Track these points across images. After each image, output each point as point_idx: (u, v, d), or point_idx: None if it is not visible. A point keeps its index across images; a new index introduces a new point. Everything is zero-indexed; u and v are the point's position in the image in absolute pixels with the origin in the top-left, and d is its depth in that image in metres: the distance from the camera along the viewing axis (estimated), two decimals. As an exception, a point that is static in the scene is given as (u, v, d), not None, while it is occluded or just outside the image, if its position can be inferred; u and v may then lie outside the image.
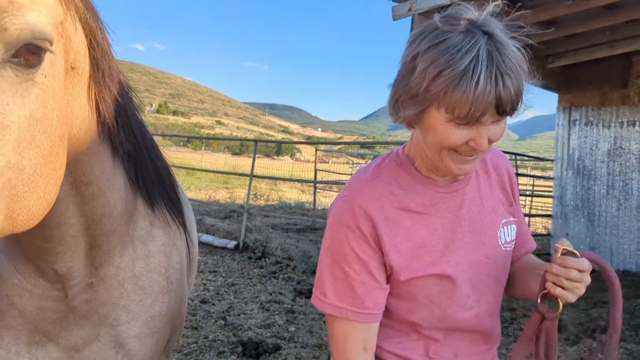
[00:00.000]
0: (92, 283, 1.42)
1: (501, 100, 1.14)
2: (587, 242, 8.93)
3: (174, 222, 1.69)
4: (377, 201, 1.36)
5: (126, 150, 1.42)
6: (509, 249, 1.48)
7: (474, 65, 1.12)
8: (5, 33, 0.84)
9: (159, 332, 1.59)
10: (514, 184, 1.57)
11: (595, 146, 8.97)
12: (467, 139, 1.21)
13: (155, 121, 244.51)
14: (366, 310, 1.36)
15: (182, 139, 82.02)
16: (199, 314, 5.48)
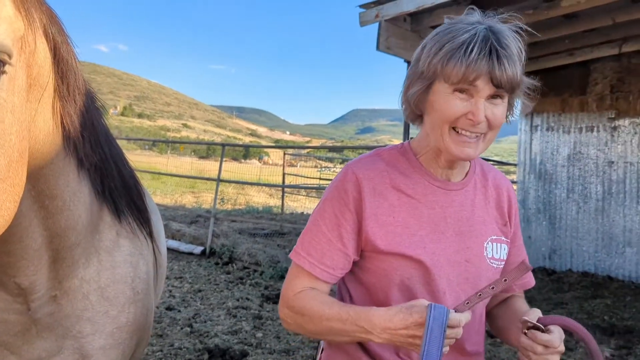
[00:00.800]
0: (56, 296, 1.40)
1: (494, 70, 1.25)
2: (548, 244, 9.17)
3: (141, 231, 1.67)
4: (370, 172, 1.46)
5: (92, 162, 1.40)
6: (495, 266, 1.50)
7: (471, 39, 1.27)
8: None
9: (124, 343, 1.56)
10: (512, 207, 1.60)
11: (556, 151, 9.22)
12: (466, 110, 1.30)
13: (119, 124, 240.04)
14: (323, 266, 1.44)
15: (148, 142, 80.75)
16: (164, 321, 5.39)
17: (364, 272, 1.49)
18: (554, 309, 6.45)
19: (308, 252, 1.46)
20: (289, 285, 1.49)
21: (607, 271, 8.47)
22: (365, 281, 1.50)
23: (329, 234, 1.45)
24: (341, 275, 1.49)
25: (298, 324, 1.45)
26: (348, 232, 1.44)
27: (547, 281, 8.21)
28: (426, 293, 1.42)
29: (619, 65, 8.49)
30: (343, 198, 1.45)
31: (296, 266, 1.49)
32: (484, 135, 1.35)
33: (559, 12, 5.98)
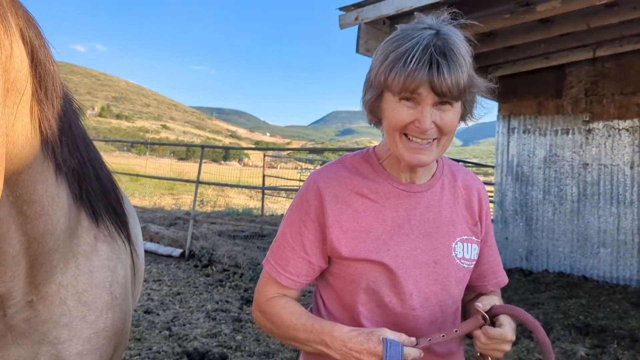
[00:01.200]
0: (32, 301, 1.37)
1: (434, 79, 1.26)
2: (525, 245, 9.30)
3: (119, 235, 1.66)
4: (332, 180, 1.48)
5: (70, 166, 1.38)
6: (466, 266, 1.51)
7: (412, 49, 1.28)
8: None
9: (102, 349, 1.54)
10: (482, 206, 1.60)
11: (533, 153, 9.37)
12: (412, 117, 1.32)
13: (97, 125, 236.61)
14: (287, 273, 1.49)
15: (126, 143, 79.82)
16: (142, 324, 5.33)
17: (333, 277, 1.52)
18: (530, 309, 6.54)
19: (275, 260, 1.52)
20: (261, 290, 1.55)
21: (582, 271, 8.63)
22: (334, 286, 1.52)
23: (293, 243, 1.49)
24: (306, 282, 1.53)
25: (268, 328, 1.52)
26: (310, 241, 1.47)
27: (524, 282, 8.33)
28: (393, 295, 1.43)
29: (593, 69, 8.67)
30: (305, 208, 1.49)
31: (267, 275, 1.54)
32: (437, 140, 1.37)
33: (534, 16, 6.09)
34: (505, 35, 7.21)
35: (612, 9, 6.18)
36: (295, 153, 36.80)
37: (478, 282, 1.63)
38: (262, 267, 1.58)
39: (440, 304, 1.48)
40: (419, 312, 1.45)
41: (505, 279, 1.68)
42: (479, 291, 1.65)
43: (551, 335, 5.50)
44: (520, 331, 5.62)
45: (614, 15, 6.22)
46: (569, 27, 6.69)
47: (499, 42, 7.36)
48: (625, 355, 4.95)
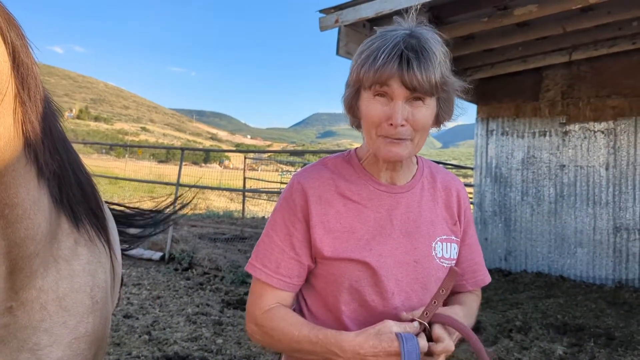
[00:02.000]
0: (12, 307, 1.35)
1: (403, 73, 1.30)
2: (504, 246, 9.42)
3: (99, 239, 1.64)
4: (316, 181, 1.50)
5: (51, 170, 1.37)
6: (445, 265, 1.53)
7: (384, 45, 1.33)
8: None
9: (83, 354, 1.52)
10: (461, 206, 1.63)
11: (511, 155, 9.49)
12: (386, 115, 1.35)
13: (75, 127, 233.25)
14: (279, 275, 1.48)
15: (105, 146, 78.78)
16: (122, 329, 5.27)
17: (315, 278, 1.53)
18: (510, 309, 6.63)
19: (263, 263, 1.50)
20: (254, 303, 1.51)
21: (559, 271, 8.77)
22: (317, 286, 1.53)
23: (282, 244, 1.49)
24: (299, 283, 1.52)
25: (267, 342, 1.48)
26: (299, 241, 1.48)
27: (503, 282, 8.42)
28: (375, 295, 1.45)
29: (569, 72, 8.82)
30: (292, 208, 1.49)
31: (257, 282, 1.52)
32: (411, 140, 1.40)
33: (512, 20, 6.17)
34: (484, 38, 7.30)
35: (587, 14, 6.30)
36: (276, 155, 36.75)
37: (457, 281, 1.65)
38: (243, 270, 1.57)
39: (421, 302, 1.49)
40: (400, 310, 1.46)
41: (486, 279, 1.69)
42: (457, 290, 1.67)
43: (530, 334, 5.57)
44: (500, 331, 5.69)
45: (589, 19, 6.35)
46: (546, 31, 6.80)
47: (478, 45, 7.45)
48: (602, 353, 5.04)
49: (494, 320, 6.10)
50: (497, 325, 5.89)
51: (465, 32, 6.72)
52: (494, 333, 5.63)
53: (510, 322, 6.02)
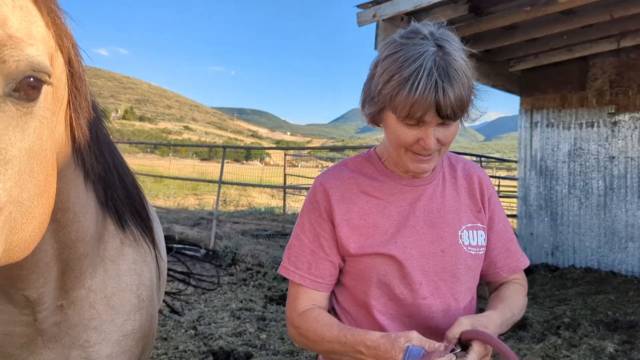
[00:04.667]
0: (62, 305, 1.41)
1: (440, 105, 1.27)
2: (550, 241, 9.17)
3: (144, 239, 1.70)
4: (337, 181, 1.53)
5: (97, 173, 1.42)
6: (474, 252, 1.54)
7: (417, 73, 1.27)
8: (4, 65, 0.85)
9: (130, 351, 1.58)
10: (484, 193, 1.62)
11: (557, 147, 9.22)
12: (416, 138, 1.35)
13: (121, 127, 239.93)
14: (312, 276, 1.51)
15: (149, 145, 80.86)
16: (168, 324, 5.41)
17: (344, 275, 1.56)
18: (557, 306, 6.46)
19: (296, 265, 1.54)
20: (291, 306, 1.55)
21: (610, 266, 8.48)
22: (346, 283, 1.56)
23: (311, 245, 1.52)
24: (332, 282, 1.55)
25: (304, 344, 1.53)
26: (327, 240, 1.51)
27: (550, 277, 8.21)
28: (403, 287, 1.46)
29: (617, 60, 8.49)
30: (317, 209, 1.53)
31: (292, 284, 1.56)
32: (438, 151, 1.41)
33: (556, 8, 5.99)
34: (526, 28, 7.11)
35: (636, -1, 6.05)
36: (316, 151, 36.83)
37: (490, 269, 1.64)
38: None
39: (452, 292, 1.50)
40: (430, 300, 1.48)
41: (521, 264, 1.66)
42: (493, 279, 1.66)
43: (579, 331, 5.42)
44: (547, 328, 5.55)
45: (637, 5, 6.09)
46: (592, 18, 6.56)
47: (520, 35, 7.26)
48: (656, 352, 4.85)
49: (541, 316, 5.96)
50: (544, 322, 5.75)
51: (507, 22, 6.56)
52: (540, 330, 5.50)
53: (558, 319, 5.87)
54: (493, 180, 18.98)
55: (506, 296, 1.56)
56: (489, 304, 1.57)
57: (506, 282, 1.66)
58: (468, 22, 6.59)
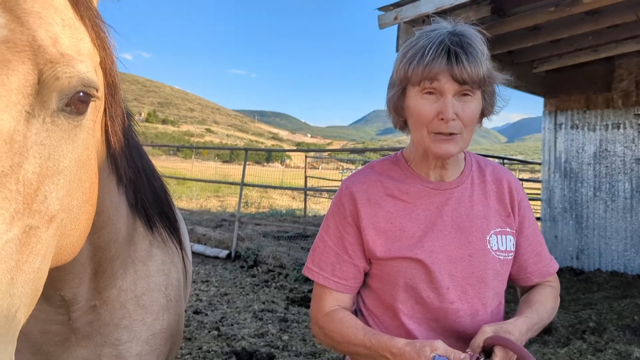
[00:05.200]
0: (95, 305, 1.46)
1: (452, 68, 1.33)
2: (575, 244, 9.04)
3: (172, 241, 1.74)
4: (363, 184, 1.54)
5: (128, 177, 1.46)
6: (502, 257, 1.53)
7: (429, 42, 1.37)
8: (58, 81, 0.89)
9: (159, 349, 1.62)
10: (514, 197, 1.61)
11: (582, 149, 9.09)
12: (435, 111, 1.38)
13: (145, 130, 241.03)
14: (336, 278, 1.53)
15: (172, 148, 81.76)
16: (192, 324, 5.48)
17: (371, 278, 1.57)
18: (583, 310, 6.37)
19: (320, 267, 1.56)
20: (316, 307, 1.57)
21: (637, 270, 8.31)
22: (373, 286, 1.57)
23: (335, 248, 1.54)
24: (355, 285, 1.57)
25: (329, 344, 1.55)
26: (352, 244, 1.52)
27: (575, 281, 8.09)
28: (430, 291, 1.47)
29: (644, 60, 8.34)
30: (342, 212, 1.54)
31: (317, 285, 1.58)
32: (460, 134, 1.42)
33: (581, 8, 5.92)
34: (550, 28, 7.03)
35: (664, -2, 5.94)
36: (337, 153, 36.82)
37: (520, 274, 1.64)
38: (307, 268, 1.62)
39: (480, 296, 1.50)
40: (458, 305, 1.47)
41: (551, 268, 1.66)
42: (524, 284, 1.66)
43: (605, 336, 5.34)
44: (572, 332, 5.48)
45: (665, 4, 5.98)
46: (618, 19, 6.46)
47: (544, 36, 7.18)
48: (685, 358, 4.75)
49: (566, 320, 5.88)
50: (569, 326, 5.67)
51: (530, 23, 6.50)
52: (566, 334, 5.43)
53: (584, 323, 5.79)
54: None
55: (535, 301, 1.55)
56: (518, 307, 1.56)
57: (536, 285, 1.65)
58: (490, 23, 6.55)
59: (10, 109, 0.85)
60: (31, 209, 0.86)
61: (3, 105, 0.84)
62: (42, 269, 0.91)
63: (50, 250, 0.93)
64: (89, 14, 1.05)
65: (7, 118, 0.84)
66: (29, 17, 0.90)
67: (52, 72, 0.89)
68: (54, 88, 0.90)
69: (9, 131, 0.84)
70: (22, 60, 0.87)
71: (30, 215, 0.86)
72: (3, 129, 0.83)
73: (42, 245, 0.89)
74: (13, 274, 0.82)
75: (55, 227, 0.93)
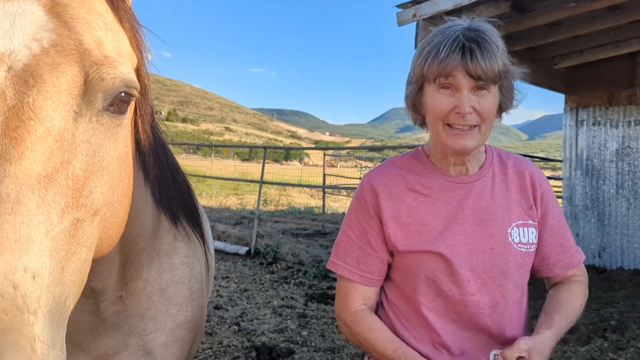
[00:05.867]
0: (122, 296, 1.51)
1: (467, 63, 1.34)
2: (597, 242, 8.93)
3: (194, 234, 1.79)
4: (385, 179, 1.56)
5: (154, 173, 1.51)
6: (524, 250, 1.53)
7: (443, 40, 1.39)
8: (103, 82, 0.96)
9: (183, 340, 1.67)
10: (536, 189, 1.61)
11: (604, 146, 8.97)
12: (452, 105, 1.39)
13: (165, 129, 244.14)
14: (360, 271, 1.55)
15: (192, 146, 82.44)
16: (213, 319, 5.56)
17: (392, 271, 1.59)
18: (604, 308, 6.30)
19: (344, 260, 1.58)
20: (341, 302, 1.59)
21: (660, 269, 8.19)
22: (394, 279, 1.59)
23: (359, 242, 1.56)
24: (380, 278, 1.59)
25: (354, 343, 1.58)
26: (375, 237, 1.54)
27: (597, 279, 8.00)
28: (451, 284, 1.48)
29: (668, 55, 8.19)
30: (364, 206, 1.56)
31: (341, 280, 1.60)
32: (478, 127, 1.42)
33: (602, 4, 5.84)
34: (571, 24, 6.95)
35: (688, -8, 5.84)
36: (355, 151, 36.78)
37: (542, 265, 1.63)
38: (325, 265, 1.66)
39: (501, 289, 1.51)
40: (478, 297, 1.49)
41: (576, 259, 1.65)
42: (547, 275, 1.65)
43: (626, 334, 5.28)
44: (593, 330, 5.43)
45: (690, -2, 5.88)
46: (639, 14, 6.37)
47: (564, 32, 7.10)
48: None
49: (587, 319, 5.83)
50: (590, 325, 5.63)
51: (550, 19, 6.43)
52: (587, 332, 5.38)
53: (605, 322, 5.73)
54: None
55: (563, 301, 1.55)
56: (546, 306, 1.56)
57: (564, 281, 1.64)
58: (510, 19, 6.51)
59: (60, 109, 0.91)
60: (78, 202, 0.93)
61: (54, 105, 0.90)
62: (88, 259, 0.97)
63: (94, 242, 0.99)
64: (128, 18, 1.11)
65: (58, 117, 0.91)
66: (76, 22, 0.97)
67: (97, 73, 0.95)
68: (99, 89, 0.95)
69: (60, 130, 0.91)
70: (69, 63, 0.93)
71: (78, 209, 0.92)
72: (54, 127, 0.90)
73: (87, 237, 0.95)
74: (63, 264, 0.88)
75: (99, 220, 0.99)
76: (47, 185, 0.87)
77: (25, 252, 0.79)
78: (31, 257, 0.80)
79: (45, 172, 0.87)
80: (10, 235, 0.78)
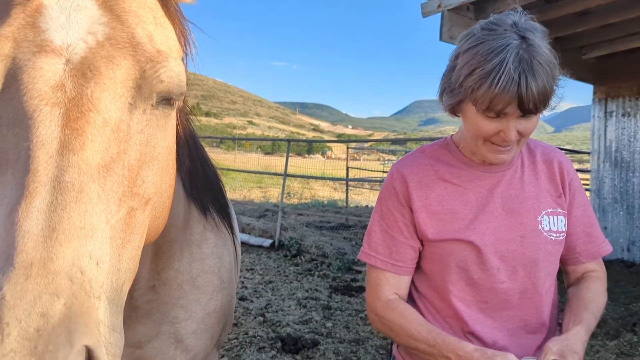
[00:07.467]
0: (154, 285, 1.54)
1: (522, 99, 1.27)
2: (626, 235, 8.75)
3: (224, 225, 1.81)
4: (414, 168, 1.56)
5: (186, 164, 1.54)
6: (554, 238, 1.52)
7: (500, 67, 1.27)
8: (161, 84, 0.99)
9: (212, 328, 1.69)
10: (564, 177, 1.60)
11: (634, 137, 8.77)
12: (496, 130, 1.36)
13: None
14: (393, 260, 1.54)
15: (215, 140, 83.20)
16: (238, 310, 5.63)
17: (422, 259, 1.59)
18: (633, 302, 6.19)
19: (376, 250, 1.57)
20: (373, 293, 1.58)
21: (692, 263, 7.99)
22: (424, 267, 1.59)
23: (390, 231, 1.55)
24: (412, 266, 1.58)
25: (386, 333, 1.56)
26: (406, 225, 1.54)
27: (626, 273, 7.85)
28: (481, 272, 1.48)
29: (703, 44, 7.94)
30: (394, 195, 1.56)
31: (373, 270, 1.58)
32: (518, 141, 1.40)
33: (634, -9, 5.70)
34: (601, 13, 6.79)
35: None
36: (378, 144, 36.65)
37: (569, 254, 1.62)
38: (348, 257, 1.65)
39: (530, 276, 1.50)
40: (507, 285, 1.49)
41: (603, 249, 1.63)
42: (573, 264, 1.64)
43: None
44: (622, 324, 5.35)
45: None
46: (674, 1, 6.19)
47: (594, 21, 6.94)
48: None
49: (616, 313, 5.74)
50: (619, 319, 5.54)
51: (580, 7, 6.30)
52: (615, 327, 5.30)
53: (634, 316, 5.63)
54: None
55: (588, 300, 1.53)
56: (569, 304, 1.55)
57: (584, 278, 1.62)
58: (538, 8, 6.39)
59: (116, 101, 0.94)
60: (133, 192, 0.96)
61: (110, 97, 0.94)
62: (140, 247, 1.01)
63: (145, 230, 1.02)
64: (175, 12, 1.13)
65: (114, 109, 0.94)
66: (128, 16, 0.99)
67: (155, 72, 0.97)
68: (155, 89, 0.99)
69: (116, 121, 0.94)
70: (124, 56, 0.96)
71: (132, 198, 0.96)
72: (111, 119, 0.93)
73: (140, 225, 0.99)
74: (120, 251, 0.91)
75: (150, 209, 1.02)
76: (105, 174, 0.90)
77: (90, 239, 0.83)
78: (95, 244, 0.84)
79: (104, 162, 0.90)
80: (77, 223, 0.82)
